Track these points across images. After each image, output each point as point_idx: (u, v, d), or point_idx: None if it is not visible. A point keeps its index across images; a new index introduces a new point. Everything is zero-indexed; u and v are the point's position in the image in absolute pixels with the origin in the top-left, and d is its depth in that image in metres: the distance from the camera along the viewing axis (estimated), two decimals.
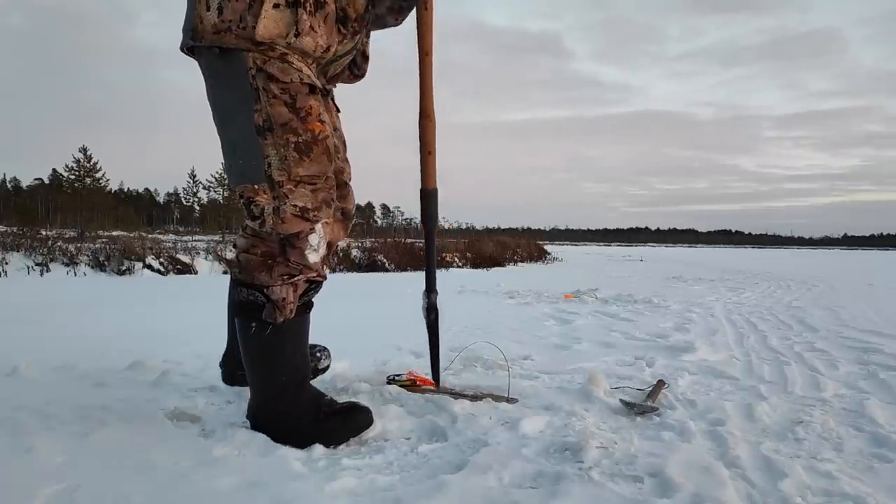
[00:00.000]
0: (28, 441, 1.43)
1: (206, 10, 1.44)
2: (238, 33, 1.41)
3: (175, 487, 1.21)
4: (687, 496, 1.18)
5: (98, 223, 29.42)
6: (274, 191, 1.47)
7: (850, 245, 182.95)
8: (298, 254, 1.50)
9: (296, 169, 1.46)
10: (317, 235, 1.51)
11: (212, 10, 1.43)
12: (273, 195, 1.47)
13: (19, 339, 3.03)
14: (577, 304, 5.09)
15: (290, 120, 1.45)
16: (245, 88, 1.44)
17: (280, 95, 1.44)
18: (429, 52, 1.82)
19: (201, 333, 3.15)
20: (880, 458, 1.46)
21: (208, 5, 1.43)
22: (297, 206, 1.47)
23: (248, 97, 1.44)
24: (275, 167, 1.46)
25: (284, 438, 1.48)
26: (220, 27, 1.42)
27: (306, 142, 1.47)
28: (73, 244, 10.05)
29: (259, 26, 1.40)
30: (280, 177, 1.46)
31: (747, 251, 53.63)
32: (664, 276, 9.85)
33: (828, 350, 2.96)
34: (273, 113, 1.44)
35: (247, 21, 1.41)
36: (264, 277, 1.51)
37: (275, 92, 1.43)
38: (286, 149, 1.46)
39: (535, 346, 2.96)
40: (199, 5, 1.45)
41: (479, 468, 1.30)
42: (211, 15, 1.43)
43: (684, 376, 2.28)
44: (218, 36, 1.43)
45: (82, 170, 47.43)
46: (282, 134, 1.45)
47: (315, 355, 1.93)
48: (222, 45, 1.43)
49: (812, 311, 4.83)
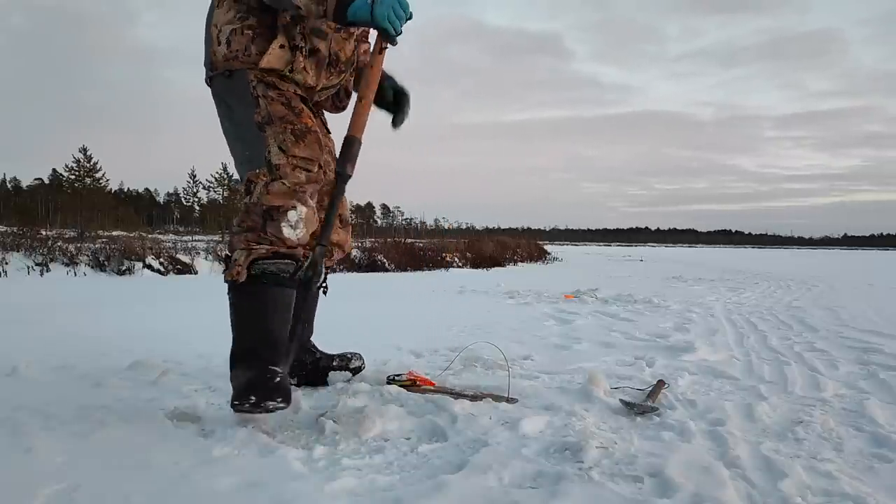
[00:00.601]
0: (28, 441, 1.44)
1: (217, 45, 1.76)
2: (243, 60, 1.73)
3: (175, 487, 1.21)
4: (687, 496, 1.18)
5: (98, 223, 29.39)
6: (272, 173, 1.68)
7: (850, 245, 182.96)
8: (275, 227, 1.67)
9: (293, 149, 1.70)
10: (296, 213, 1.68)
11: (222, 44, 1.75)
12: (271, 177, 1.68)
13: (19, 339, 3.03)
14: (577, 304, 5.09)
15: (286, 114, 1.72)
16: (248, 98, 1.73)
17: (277, 98, 1.73)
18: (365, 97, 1.77)
19: (201, 333, 3.15)
20: (880, 458, 1.46)
21: (219, 40, 1.75)
22: (287, 183, 1.67)
23: (251, 104, 1.72)
24: (273, 153, 1.69)
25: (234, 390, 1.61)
26: (228, 56, 1.74)
27: (301, 130, 1.72)
28: (73, 244, 10.05)
29: (264, 58, 1.70)
30: (279, 160, 1.69)
31: (747, 251, 53.63)
32: (664, 276, 9.85)
33: (828, 350, 2.96)
34: (272, 110, 1.71)
35: (251, 50, 1.72)
36: (236, 241, 1.70)
37: (272, 96, 1.72)
38: (284, 134, 1.70)
39: (535, 346, 2.96)
40: (212, 43, 1.77)
41: (479, 468, 1.30)
42: (221, 48, 1.75)
43: (684, 376, 2.28)
44: (227, 63, 1.75)
45: (82, 170, 47.47)
46: (280, 124, 1.71)
47: (347, 356, 2.14)
48: (230, 69, 1.74)
49: (812, 311, 4.83)
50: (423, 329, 2.01)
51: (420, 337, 2.07)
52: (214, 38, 1.77)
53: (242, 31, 1.73)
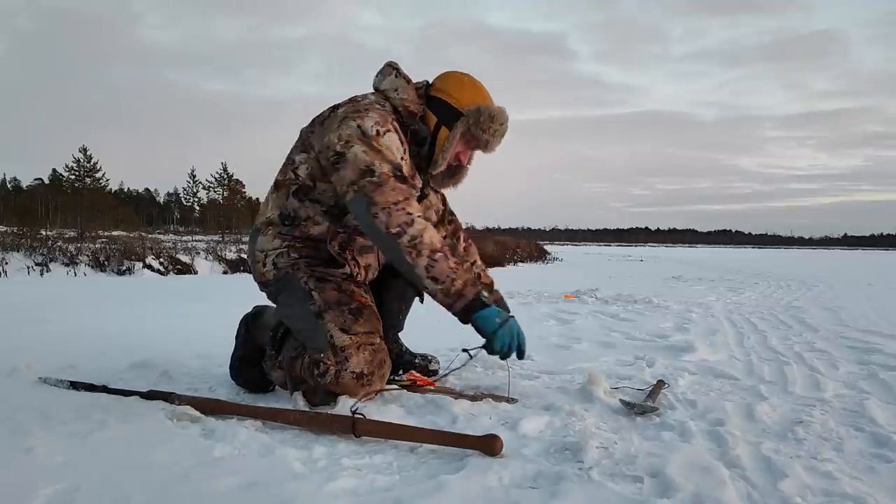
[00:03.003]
0: (28, 441, 1.44)
1: (263, 268, 1.94)
2: (290, 270, 1.90)
3: (175, 487, 1.21)
4: (687, 496, 1.18)
5: (98, 223, 29.38)
6: (337, 355, 1.76)
7: (850, 245, 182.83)
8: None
9: (354, 327, 1.80)
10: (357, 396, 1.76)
11: (268, 266, 1.93)
12: (336, 360, 1.75)
13: (19, 339, 3.03)
14: (577, 304, 5.09)
15: (340, 297, 1.84)
16: (300, 294, 1.85)
17: (328, 287, 1.85)
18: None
19: (201, 333, 3.15)
20: (880, 458, 1.45)
21: (265, 263, 1.94)
22: (355, 372, 1.75)
23: (303, 298, 1.84)
24: (336, 336, 1.77)
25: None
26: (278, 275, 1.92)
27: (357, 308, 1.84)
28: (73, 244, 10.05)
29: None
30: (342, 341, 1.77)
31: (747, 251, 53.60)
32: (664, 276, 9.86)
33: (828, 350, 2.96)
34: (326, 297, 1.83)
35: (297, 255, 1.91)
36: (278, 373, 1.94)
37: (323, 286, 1.85)
38: (343, 316, 1.81)
39: (536, 346, 2.95)
40: (259, 265, 1.95)
41: (478, 468, 1.30)
42: (269, 269, 1.93)
43: (684, 376, 2.28)
44: (278, 276, 1.92)
45: (82, 170, 47.34)
46: (337, 308, 1.82)
47: (427, 358, 2.25)
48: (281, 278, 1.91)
49: (812, 310, 4.83)
50: (423, 329, 2.02)
51: (420, 337, 2.07)
52: (261, 262, 1.94)
53: (289, 254, 1.91)
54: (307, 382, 1.80)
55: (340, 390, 1.75)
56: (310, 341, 1.82)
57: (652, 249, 54.12)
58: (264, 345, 2.00)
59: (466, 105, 1.91)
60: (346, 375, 1.74)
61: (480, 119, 1.90)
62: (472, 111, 1.90)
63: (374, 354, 1.80)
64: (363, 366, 1.76)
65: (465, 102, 1.92)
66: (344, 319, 1.79)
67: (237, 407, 1.69)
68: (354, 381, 1.75)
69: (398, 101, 1.91)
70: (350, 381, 1.75)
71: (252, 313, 2.14)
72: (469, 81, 1.97)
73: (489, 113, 1.90)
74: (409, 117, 1.91)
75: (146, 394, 1.82)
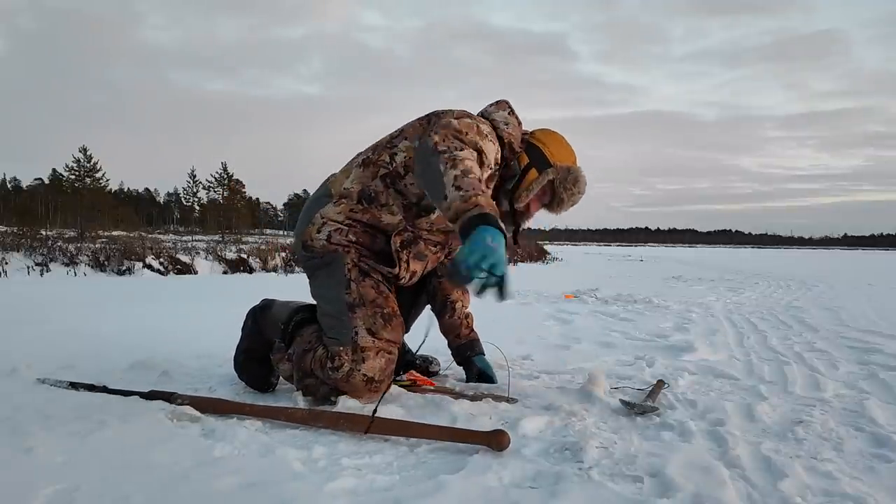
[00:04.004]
0: (28, 441, 1.44)
1: (316, 233, 1.91)
2: (340, 250, 1.88)
3: (175, 487, 1.21)
4: (687, 496, 1.18)
5: (98, 223, 29.39)
6: (355, 354, 1.78)
7: (850, 245, 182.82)
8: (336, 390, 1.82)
9: (381, 332, 1.82)
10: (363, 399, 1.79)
11: (322, 234, 1.90)
12: (353, 357, 1.78)
13: (19, 339, 3.03)
14: (577, 304, 5.10)
15: (376, 297, 1.85)
16: (339, 277, 1.86)
17: (368, 282, 1.86)
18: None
19: (201, 333, 3.16)
20: (880, 458, 1.45)
21: (319, 230, 1.90)
22: (367, 375, 1.78)
23: (341, 283, 1.85)
24: (361, 336, 1.80)
25: None
26: (328, 247, 1.89)
27: (388, 314, 1.85)
28: (73, 244, 10.06)
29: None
30: (366, 343, 1.79)
31: (747, 251, 53.59)
32: (664, 276, 9.86)
33: (828, 350, 2.96)
34: (363, 293, 1.84)
35: (351, 238, 1.88)
36: (286, 366, 1.93)
37: (364, 280, 1.86)
38: (374, 318, 1.82)
39: (536, 345, 2.96)
40: (310, 228, 1.91)
41: (478, 468, 1.30)
42: (321, 237, 1.89)
43: (684, 376, 2.28)
44: (324, 250, 1.89)
45: (82, 170, 47.32)
46: (370, 308, 1.83)
47: (428, 359, 2.27)
48: (328, 253, 1.90)
49: (812, 310, 4.83)
50: (423, 329, 2.02)
51: (420, 337, 2.07)
52: (316, 227, 1.91)
53: (347, 234, 1.89)
54: (315, 376, 1.82)
55: (348, 389, 1.78)
56: (332, 329, 1.84)
57: (652, 249, 54.13)
58: (272, 338, 2.02)
59: (559, 162, 1.98)
60: (357, 376, 1.77)
61: (567, 178, 1.97)
62: (562, 168, 1.97)
63: (389, 364, 1.83)
64: (376, 372, 1.79)
65: (559, 159, 1.98)
66: (374, 321, 1.82)
67: (240, 406, 1.69)
68: (363, 385, 1.78)
69: (506, 133, 1.94)
70: (360, 382, 1.78)
71: (260, 306, 2.15)
72: (567, 144, 2.04)
73: (576, 176, 1.98)
74: (510, 152, 1.95)
75: (146, 394, 1.82)
